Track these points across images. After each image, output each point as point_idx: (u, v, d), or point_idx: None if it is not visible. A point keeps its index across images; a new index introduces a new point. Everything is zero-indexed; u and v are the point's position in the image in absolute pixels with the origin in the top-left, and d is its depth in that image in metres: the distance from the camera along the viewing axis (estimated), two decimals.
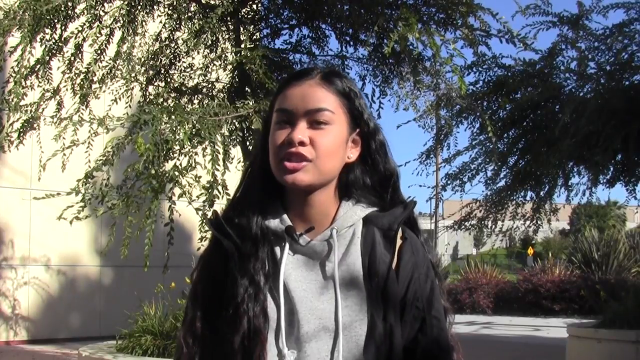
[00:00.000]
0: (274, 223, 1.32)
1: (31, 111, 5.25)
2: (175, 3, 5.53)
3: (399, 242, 1.35)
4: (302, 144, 1.27)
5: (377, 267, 1.30)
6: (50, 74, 5.33)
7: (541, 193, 8.24)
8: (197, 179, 4.52)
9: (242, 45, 5.41)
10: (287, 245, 1.31)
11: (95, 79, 5.50)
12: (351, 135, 1.34)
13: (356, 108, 1.34)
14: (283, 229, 1.31)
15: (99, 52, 5.23)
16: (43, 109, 5.47)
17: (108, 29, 5.32)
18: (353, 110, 1.34)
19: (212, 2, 5.58)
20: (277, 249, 1.31)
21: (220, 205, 4.58)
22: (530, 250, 31.78)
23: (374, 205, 1.37)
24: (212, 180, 4.42)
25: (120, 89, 5.60)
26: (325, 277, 1.30)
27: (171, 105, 5.00)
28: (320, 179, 1.30)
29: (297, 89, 1.31)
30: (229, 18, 5.64)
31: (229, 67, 5.83)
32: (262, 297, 1.27)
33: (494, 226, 8.58)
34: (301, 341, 1.26)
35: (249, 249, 1.30)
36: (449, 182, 8.02)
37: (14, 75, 4.84)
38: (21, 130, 5.31)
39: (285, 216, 1.32)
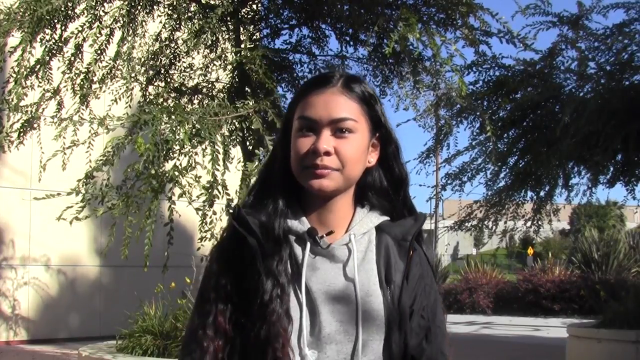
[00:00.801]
0: (295, 224, 1.34)
1: (31, 111, 5.25)
2: (175, 3, 5.53)
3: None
4: (327, 154, 1.29)
5: (393, 275, 1.34)
6: (50, 74, 5.33)
7: (541, 193, 8.23)
8: (197, 179, 4.52)
9: (242, 45, 5.40)
10: (308, 247, 1.32)
11: (95, 79, 5.50)
12: (371, 140, 1.37)
13: (376, 113, 1.37)
14: (305, 230, 1.33)
15: (99, 52, 5.23)
16: (43, 109, 5.47)
17: (108, 29, 5.33)
18: (373, 116, 1.36)
19: (212, 2, 5.58)
20: (298, 250, 1.33)
21: (220, 205, 4.60)
22: (530, 250, 31.77)
23: (385, 210, 1.40)
24: (212, 180, 4.42)
25: (120, 89, 5.60)
26: (346, 280, 1.32)
27: (171, 105, 5.00)
28: (345, 185, 1.34)
29: (320, 97, 1.33)
30: (229, 18, 5.63)
31: (229, 67, 5.82)
32: (286, 299, 1.28)
33: (494, 227, 8.58)
34: (322, 342, 1.28)
35: (272, 249, 1.32)
36: (449, 182, 8.02)
37: (14, 75, 4.85)
38: (21, 130, 5.32)
39: (304, 219, 1.34)
